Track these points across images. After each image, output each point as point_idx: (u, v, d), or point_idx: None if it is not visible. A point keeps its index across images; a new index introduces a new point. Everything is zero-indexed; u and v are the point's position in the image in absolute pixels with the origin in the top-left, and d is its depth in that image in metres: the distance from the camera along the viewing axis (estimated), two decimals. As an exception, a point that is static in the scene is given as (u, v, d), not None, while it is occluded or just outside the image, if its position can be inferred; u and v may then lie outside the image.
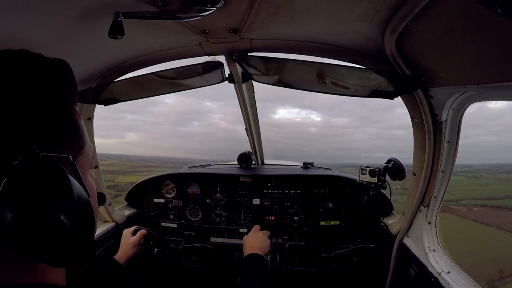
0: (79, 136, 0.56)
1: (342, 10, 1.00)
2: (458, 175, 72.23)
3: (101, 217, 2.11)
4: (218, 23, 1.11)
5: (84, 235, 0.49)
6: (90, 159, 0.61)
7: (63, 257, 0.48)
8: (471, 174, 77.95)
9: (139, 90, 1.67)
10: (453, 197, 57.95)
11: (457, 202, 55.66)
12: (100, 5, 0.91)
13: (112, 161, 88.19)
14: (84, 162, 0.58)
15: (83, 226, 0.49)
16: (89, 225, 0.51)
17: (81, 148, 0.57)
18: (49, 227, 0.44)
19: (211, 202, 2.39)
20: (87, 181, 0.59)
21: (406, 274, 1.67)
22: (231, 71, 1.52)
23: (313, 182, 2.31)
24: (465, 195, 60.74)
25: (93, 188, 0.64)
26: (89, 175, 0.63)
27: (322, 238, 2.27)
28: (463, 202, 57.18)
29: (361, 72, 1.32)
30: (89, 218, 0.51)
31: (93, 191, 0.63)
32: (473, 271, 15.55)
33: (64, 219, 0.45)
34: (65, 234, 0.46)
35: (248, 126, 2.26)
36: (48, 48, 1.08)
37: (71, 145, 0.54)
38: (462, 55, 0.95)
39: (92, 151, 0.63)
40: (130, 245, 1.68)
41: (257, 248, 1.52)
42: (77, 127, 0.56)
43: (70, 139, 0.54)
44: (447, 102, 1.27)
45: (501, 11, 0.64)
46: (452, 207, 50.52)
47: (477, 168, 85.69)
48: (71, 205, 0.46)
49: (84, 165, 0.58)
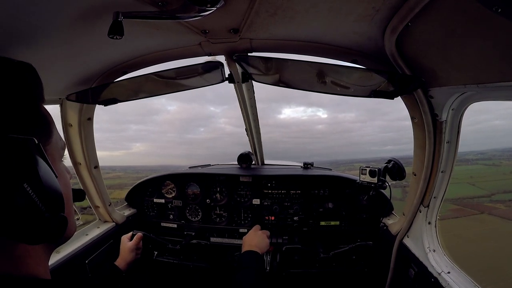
0: (46, 125, 0.63)
1: (342, 10, 1.00)
2: (476, 163, 66.09)
3: (101, 217, 2.12)
4: (218, 23, 1.11)
5: (50, 208, 0.52)
6: (59, 150, 0.67)
7: (29, 229, 0.50)
8: (490, 162, 71.02)
9: (139, 90, 1.66)
10: (483, 191, 49.81)
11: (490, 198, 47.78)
12: (100, 5, 0.91)
13: (116, 174, 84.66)
14: (53, 151, 0.63)
15: (49, 198, 0.52)
16: (55, 200, 0.54)
17: (48, 137, 0.62)
18: (13, 195, 0.47)
19: (211, 202, 2.39)
20: (57, 167, 0.63)
21: (406, 274, 1.67)
22: (231, 71, 1.52)
23: (313, 182, 2.31)
24: (494, 188, 52.13)
25: (65, 176, 0.68)
26: (61, 165, 0.68)
27: (322, 238, 2.26)
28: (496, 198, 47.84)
29: (361, 72, 1.32)
30: (55, 192, 0.54)
31: (65, 179, 0.67)
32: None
33: (27, 187, 0.48)
34: (29, 203, 0.49)
35: (248, 126, 2.26)
36: (48, 48, 1.08)
37: (38, 133, 0.59)
38: (462, 55, 0.95)
39: (62, 142, 0.68)
40: (128, 250, 1.69)
41: (255, 246, 1.52)
42: (45, 118, 0.63)
43: (38, 128, 0.60)
44: (447, 102, 1.27)
45: (501, 11, 0.64)
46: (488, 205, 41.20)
47: (492, 154, 79.74)
48: (35, 175, 0.50)
49: (53, 153, 0.63)
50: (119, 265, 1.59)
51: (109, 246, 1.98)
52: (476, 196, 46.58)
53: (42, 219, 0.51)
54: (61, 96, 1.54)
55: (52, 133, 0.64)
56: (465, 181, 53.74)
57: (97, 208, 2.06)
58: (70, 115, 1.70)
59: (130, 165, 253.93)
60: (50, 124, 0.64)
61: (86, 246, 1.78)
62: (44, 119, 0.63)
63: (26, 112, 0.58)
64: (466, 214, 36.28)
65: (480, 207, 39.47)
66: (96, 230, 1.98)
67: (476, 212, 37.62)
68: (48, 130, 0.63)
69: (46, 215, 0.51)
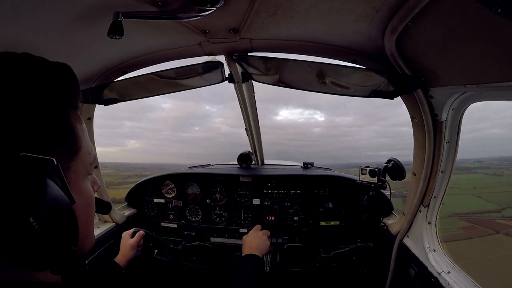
0: (73, 140, 0.55)
1: (342, 10, 1.00)
2: (475, 172, 61.64)
3: (101, 217, 2.11)
4: (218, 23, 1.11)
5: (58, 241, 0.47)
6: (87, 165, 0.59)
7: (32, 260, 0.45)
8: (490, 171, 66.07)
9: (139, 90, 1.67)
10: (492, 205, 43.35)
11: (501, 213, 42.06)
12: (100, 5, 0.91)
13: (106, 171, 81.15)
14: (79, 167, 0.56)
15: (59, 233, 0.47)
16: (66, 233, 0.48)
17: (75, 152, 0.55)
18: (16, 226, 0.42)
19: (211, 202, 2.39)
20: (80, 187, 0.57)
21: (406, 274, 1.67)
22: (231, 71, 1.52)
23: (313, 182, 2.31)
24: (503, 201, 44.63)
25: (88, 195, 0.61)
26: (86, 181, 0.60)
27: (322, 238, 2.26)
28: (509, 213, 41.52)
29: (361, 72, 1.32)
30: (66, 224, 0.48)
31: (88, 198, 0.61)
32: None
33: (33, 221, 0.42)
34: (35, 238, 0.43)
35: (248, 126, 2.26)
36: (48, 48, 1.08)
37: (63, 148, 0.52)
38: (462, 55, 0.95)
39: (92, 157, 0.61)
40: (129, 247, 1.68)
41: (255, 249, 1.51)
42: (73, 131, 0.55)
43: (63, 142, 0.53)
44: (447, 102, 1.27)
45: (501, 11, 0.64)
46: (501, 223, 35.51)
47: (490, 163, 75.35)
48: (43, 208, 0.44)
49: (78, 170, 0.56)
50: (119, 262, 1.59)
51: (109, 246, 1.98)
52: (485, 210, 40.79)
53: (47, 253, 0.46)
54: (61, 96, 1.54)
55: (80, 148, 0.56)
56: (469, 192, 48.46)
57: (97, 208, 2.06)
58: (70, 115, 1.70)
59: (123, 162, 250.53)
60: (78, 136, 0.56)
61: None
62: (71, 131, 0.54)
63: (49, 123, 0.50)
64: (480, 234, 31.76)
65: (494, 225, 34.68)
66: (96, 230, 1.98)
67: (491, 231, 32.85)
68: (75, 144, 0.55)
69: (52, 250, 0.46)
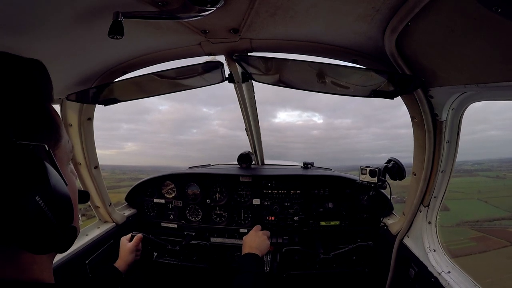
0: (55, 129, 0.60)
1: (342, 10, 1.00)
2: (476, 175, 59.85)
3: (101, 217, 2.11)
4: (218, 23, 1.11)
5: (61, 219, 0.51)
6: (68, 153, 0.64)
7: (39, 240, 0.49)
8: (493, 174, 63.65)
9: (139, 90, 1.66)
10: (501, 211, 40.46)
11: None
12: (100, 5, 0.91)
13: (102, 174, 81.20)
14: (61, 155, 0.61)
15: (60, 210, 0.51)
16: (66, 211, 0.52)
17: (58, 140, 0.60)
18: (24, 207, 0.45)
19: (211, 202, 2.39)
20: (65, 172, 0.61)
21: (406, 274, 1.67)
22: (231, 71, 1.52)
23: (313, 182, 2.31)
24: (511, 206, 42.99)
25: (72, 181, 0.66)
26: (68, 169, 0.65)
27: (322, 238, 2.26)
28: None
29: (361, 72, 1.32)
30: (66, 203, 0.52)
31: (73, 185, 0.65)
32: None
33: (39, 200, 0.46)
34: (40, 216, 0.47)
35: (248, 126, 2.26)
36: (48, 48, 1.08)
37: (47, 137, 0.57)
38: (462, 55, 0.95)
39: (70, 145, 0.65)
40: (128, 251, 1.68)
41: (255, 248, 1.52)
42: (54, 120, 0.60)
43: (46, 131, 0.57)
44: (447, 102, 1.27)
45: (501, 11, 0.64)
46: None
47: (490, 165, 73.29)
48: (47, 187, 0.48)
49: (61, 157, 0.61)
50: (119, 267, 1.59)
51: (109, 246, 1.98)
52: (496, 218, 38.60)
53: (53, 232, 0.50)
54: (61, 96, 1.54)
55: (61, 137, 0.61)
56: (474, 196, 46.92)
57: (97, 208, 2.06)
58: (70, 115, 1.70)
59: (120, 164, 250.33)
60: (59, 126, 0.61)
61: (86, 246, 1.78)
62: (53, 122, 0.60)
63: (35, 115, 0.55)
64: (494, 246, 30.00)
65: (508, 235, 32.31)
66: (96, 230, 1.98)
67: (506, 242, 31.29)
68: (58, 133, 0.60)
69: (57, 228, 0.50)
